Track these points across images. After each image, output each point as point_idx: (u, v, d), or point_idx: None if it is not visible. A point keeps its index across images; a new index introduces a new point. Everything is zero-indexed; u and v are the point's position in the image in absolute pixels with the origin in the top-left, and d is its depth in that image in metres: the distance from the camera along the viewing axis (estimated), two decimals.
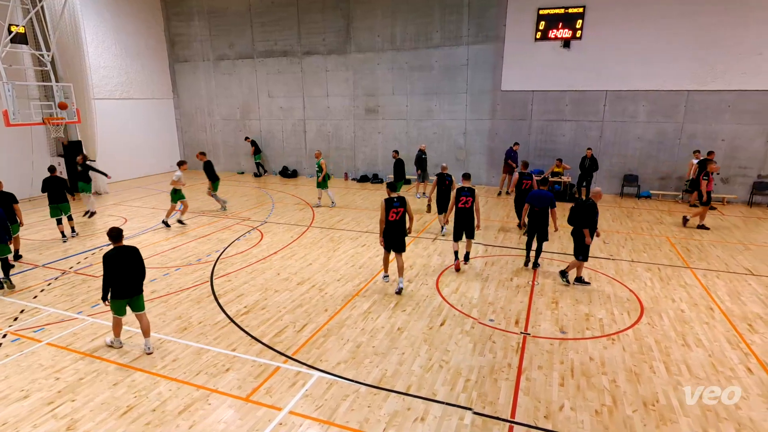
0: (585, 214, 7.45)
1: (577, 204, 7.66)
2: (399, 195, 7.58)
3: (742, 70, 13.18)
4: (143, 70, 19.42)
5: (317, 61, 18.25)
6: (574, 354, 5.80)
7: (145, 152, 19.57)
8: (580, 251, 7.65)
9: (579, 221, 7.52)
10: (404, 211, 7.53)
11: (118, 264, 5.63)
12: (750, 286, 7.94)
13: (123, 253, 5.70)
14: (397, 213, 7.45)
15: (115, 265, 5.62)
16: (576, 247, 7.70)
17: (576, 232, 7.65)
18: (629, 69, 14.20)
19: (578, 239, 7.61)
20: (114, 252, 5.67)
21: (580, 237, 7.57)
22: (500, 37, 15.43)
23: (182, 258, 9.50)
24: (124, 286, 5.72)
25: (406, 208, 7.55)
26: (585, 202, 7.52)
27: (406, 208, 7.54)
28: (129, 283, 5.73)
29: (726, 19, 13.01)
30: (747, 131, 13.61)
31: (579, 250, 7.66)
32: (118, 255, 5.66)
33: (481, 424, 4.57)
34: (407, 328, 6.48)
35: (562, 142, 15.52)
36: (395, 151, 14.13)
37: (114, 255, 5.64)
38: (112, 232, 5.75)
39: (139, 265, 5.82)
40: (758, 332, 6.36)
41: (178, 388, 5.16)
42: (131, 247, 5.83)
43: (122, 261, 5.66)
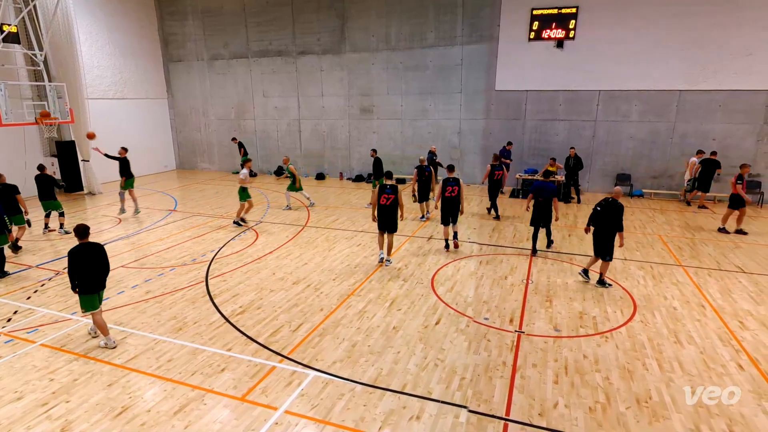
0: (617, 215, 7.39)
1: (605, 206, 7.50)
2: (393, 183, 8.66)
3: (733, 71, 13.33)
4: (137, 69, 19.33)
5: (312, 61, 18.24)
6: (568, 352, 5.85)
7: (139, 152, 19.30)
8: (607, 251, 7.56)
9: (611, 223, 7.42)
10: (395, 198, 8.48)
11: (83, 260, 5.80)
12: (741, 284, 8.03)
13: (88, 250, 5.87)
14: (387, 199, 8.49)
15: (80, 261, 5.78)
16: (603, 247, 7.56)
17: (603, 232, 7.52)
18: (622, 69, 14.32)
19: (606, 240, 7.50)
20: (79, 248, 5.83)
21: (607, 238, 7.48)
22: (494, 37, 15.50)
23: (177, 258, 9.48)
24: (91, 282, 5.89)
25: (397, 196, 8.48)
26: (614, 204, 7.43)
27: (396, 196, 8.47)
28: (95, 278, 5.92)
29: (717, 20, 13.15)
30: (738, 131, 13.76)
31: (606, 251, 7.56)
32: (83, 251, 5.82)
33: (476, 422, 4.59)
34: (403, 327, 6.50)
35: (555, 142, 15.61)
36: (373, 150, 13.95)
37: (79, 251, 5.81)
38: (79, 228, 5.91)
39: (103, 262, 5.98)
40: (749, 329, 6.44)
41: (173, 388, 5.15)
42: (96, 243, 6.02)
43: (87, 257, 5.83)
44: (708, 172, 12.94)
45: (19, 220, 9.49)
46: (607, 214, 7.45)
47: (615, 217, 7.40)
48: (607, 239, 7.50)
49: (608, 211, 7.45)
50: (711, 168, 12.91)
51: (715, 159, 12.95)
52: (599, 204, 7.60)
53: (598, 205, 7.60)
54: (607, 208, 7.46)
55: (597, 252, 7.71)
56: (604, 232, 7.52)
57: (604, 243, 7.54)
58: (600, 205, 7.56)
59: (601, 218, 7.51)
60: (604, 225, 7.50)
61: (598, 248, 7.65)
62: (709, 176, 12.95)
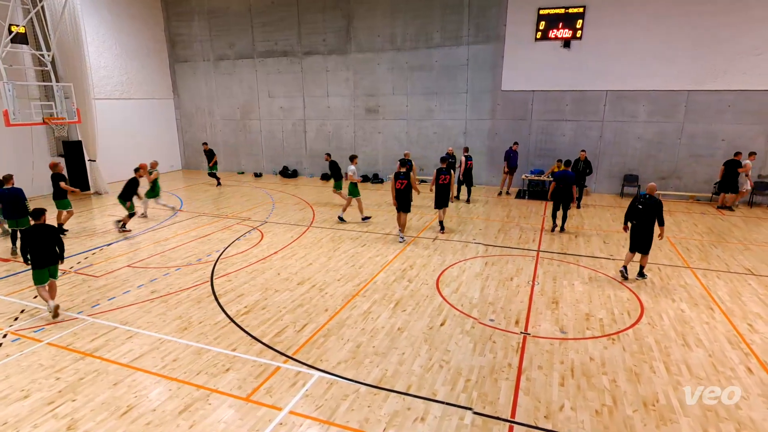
0: (658, 210, 7.74)
1: (644, 203, 7.82)
2: (405, 171, 10.16)
3: (742, 70, 13.18)
4: (143, 70, 19.44)
5: (317, 61, 18.25)
6: (575, 354, 5.80)
7: (145, 152, 19.48)
8: (648, 245, 7.96)
9: (652, 219, 7.77)
10: (408, 182, 10.16)
11: (35, 239, 6.70)
12: (750, 286, 7.94)
13: (40, 230, 6.75)
14: (402, 183, 10.13)
15: (32, 240, 6.69)
16: (644, 242, 7.92)
17: (644, 228, 7.86)
18: (629, 69, 14.20)
19: (647, 235, 7.87)
20: (32, 228, 6.77)
21: (649, 233, 7.85)
22: (500, 37, 15.43)
23: (182, 258, 9.51)
24: (40, 258, 6.73)
25: (410, 180, 10.19)
26: (653, 200, 7.76)
27: (409, 180, 10.17)
28: (44, 255, 6.75)
29: (726, 19, 13.01)
30: (747, 131, 13.61)
31: (648, 245, 7.95)
32: (35, 231, 6.73)
33: (482, 424, 4.57)
34: (407, 328, 6.48)
35: (562, 142, 15.51)
36: (327, 154, 13.86)
37: (32, 231, 6.74)
38: (35, 211, 6.82)
39: (52, 241, 6.83)
40: (758, 332, 6.36)
41: (178, 387, 5.16)
42: (48, 225, 6.89)
43: (38, 236, 6.71)
44: (731, 173, 12.86)
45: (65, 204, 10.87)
46: (649, 210, 7.75)
47: (656, 213, 7.74)
48: (648, 234, 7.85)
49: (649, 207, 7.75)
50: (733, 168, 12.82)
51: (737, 160, 12.84)
52: (639, 202, 7.88)
53: (639, 203, 7.88)
54: (648, 205, 7.75)
55: (637, 248, 8.04)
56: (645, 227, 7.84)
57: (645, 238, 7.88)
58: (641, 203, 7.85)
59: (643, 215, 7.81)
60: (645, 221, 7.81)
61: (639, 244, 7.97)
62: (734, 177, 12.87)
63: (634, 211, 7.98)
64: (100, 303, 7.38)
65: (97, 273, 8.68)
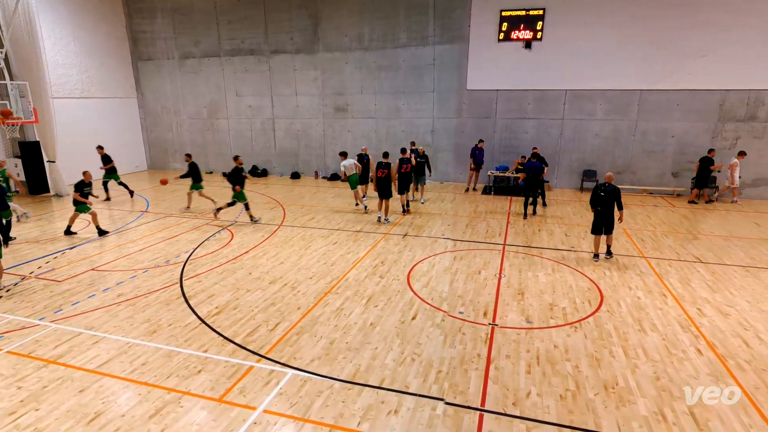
0: (617, 196, 8.77)
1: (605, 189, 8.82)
2: (387, 161, 11.48)
3: (689, 71, 13.98)
4: (104, 67, 18.76)
5: (285, 60, 18.11)
6: (540, 342, 6.05)
7: (108, 152, 18.84)
8: (611, 226, 8.94)
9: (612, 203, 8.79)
10: (388, 172, 11.46)
11: None
12: (699, 273, 8.47)
13: None
14: (383, 172, 11.49)
15: None
16: (608, 224, 8.89)
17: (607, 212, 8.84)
18: (586, 69, 14.79)
19: (610, 217, 8.86)
20: None
21: (611, 216, 8.85)
22: (465, 38, 15.75)
23: (150, 260, 9.30)
24: None
25: (390, 170, 11.49)
26: (611, 187, 8.81)
27: (389, 171, 11.48)
28: None
29: (673, 23, 13.76)
30: (694, 128, 14.44)
31: (611, 226, 8.93)
32: None
33: (453, 413, 4.71)
34: (380, 323, 6.59)
35: (525, 139, 16.00)
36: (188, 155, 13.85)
37: None
38: None
39: None
40: (706, 315, 6.81)
41: (148, 391, 5.09)
42: None
43: None
44: (704, 169, 13.51)
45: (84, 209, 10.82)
46: (609, 196, 8.78)
47: (616, 198, 8.78)
48: (610, 217, 8.86)
49: (609, 194, 8.78)
50: (706, 165, 13.47)
51: (710, 157, 13.49)
52: (601, 189, 8.90)
53: (600, 191, 8.89)
54: (609, 192, 8.79)
55: (599, 230, 8.98)
56: (607, 211, 8.83)
57: (608, 220, 8.88)
58: (602, 191, 8.86)
59: (605, 201, 8.80)
60: (607, 206, 8.81)
61: (604, 226, 8.93)
62: (706, 173, 13.51)
63: (597, 198, 8.91)
64: (63, 308, 7.14)
65: (59, 278, 8.38)
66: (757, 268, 8.69)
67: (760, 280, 8.13)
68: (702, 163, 13.57)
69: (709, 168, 13.49)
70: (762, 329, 6.39)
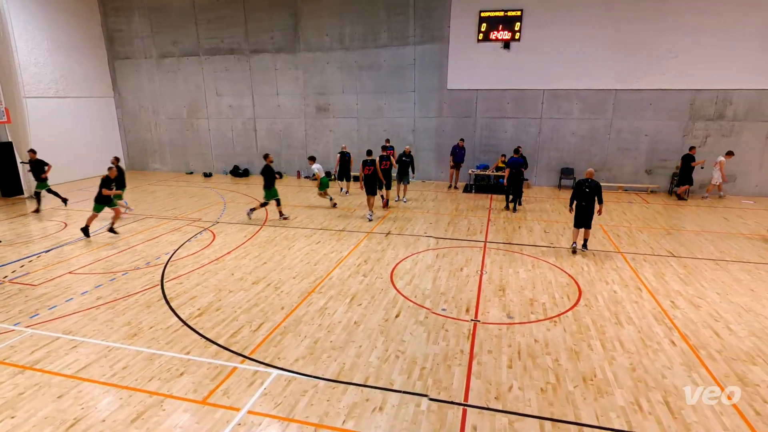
0: (598, 191, 9.14)
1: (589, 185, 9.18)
2: (372, 159, 11.88)
3: (660, 72, 14.41)
4: (80, 67, 18.34)
5: (266, 60, 17.98)
6: (521, 337, 6.17)
7: (85, 153, 18.49)
8: (590, 221, 9.31)
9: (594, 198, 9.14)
10: (374, 169, 11.82)
11: None
12: (672, 267, 8.75)
13: None
14: (369, 169, 11.84)
15: None
16: (588, 219, 9.26)
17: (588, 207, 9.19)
18: (563, 69, 15.10)
19: (590, 212, 9.22)
20: None
21: (591, 211, 9.20)
22: (445, 38, 15.90)
23: (129, 262, 9.14)
24: None
25: (375, 167, 11.84)
26: (594, 182, 9.17)
27: (375, 167, 11.84)
28: None
29: (645, 25, 14.17)
30: (666, 127, 14.90)
31: (590, 221, 9.30)
32: None
33: (437, 409, 4.77)
34: (364, 322, 6.63)
35: (504, 138, 16.24)
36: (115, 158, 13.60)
37: None
38: None
39: None
40: (679, 308, 7.05)
41: (129, 395, 5.02)
42: None
43: None
44: (686, 166, 13.86)
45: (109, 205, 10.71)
46: (592, 191, 9.13)
47: (598, 193, 9.14)
48: (591, 212, 9.22)
49: (593, 188, 9.14)
50: (687, 162, 13.83)
51: (691, 154, 13.84)
52: (585, 186, 9.19)
53: (585, 186, 9.18)
54: (592, 187, 9.15)
55: (582, 224, 9.33)
56: (588, 206, 9.18)
57: (589, 215, 9.23)
58: (587, 186, 9.17)
59: (588, 196, 9.15)
60: (589, 200, 9.14)
61: (584, 220, 9.29)
62: (688, 170, 13.86)
63: (581, 193, 9.22)
64: (40, 313, 6.98)
65: (35, 281, 8.18)
66: (726, 261, 9.02)
67: (729, 272, 8.45)
68: (684, 160, 13.94)
69: (691, 165, 13.84)
70: (731, 320, 6.65)
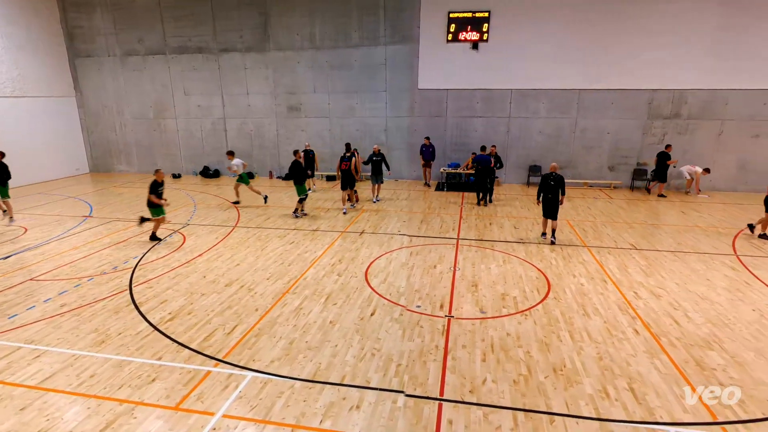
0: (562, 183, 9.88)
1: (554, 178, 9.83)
2: (350, 154, 12.44)
3: (621, 73, 15.02)
4: (38, 65, 17.58)
5: (235, 59, 17.68)
6: (494, 331, 6.32)
7: (45, 155, 17.73)
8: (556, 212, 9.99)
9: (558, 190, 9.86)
10: (352, 163, 12.32)
11: None
12: (634, 259, 9.13)
13: None
14: (347, 165, 12.30)
15: None
16: (555, 210, 9.95)
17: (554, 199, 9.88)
18: (530, 70, 15.50)
19: (556, 204, 9.92)
20: None
21: (557, 202, 9.91)
22: (415, 38, 16.04)
23: (95, 267, 8.84)
24: None
25: (352, 162, 12.30)
26: (558, 176, 9.87)
27: (351, 162, 12.28)
28: None
29: (606, 28, 14.73)
30: (627, 125, 15.52)
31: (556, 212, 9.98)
32: None
33: (413, 405, 4.84)
34: (339, 321, 6.64)
35: (474, 137, 16.53)
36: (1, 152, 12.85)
37: None
38: None
39: None
40: (642, 298, 7.37)
41: (98, 405, 4.88)
42: None
43: None
44: (661, 163, 14.32)
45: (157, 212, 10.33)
46: (557, 183, 9.81)
47: (562, 185, 9.86)
48: (557, 203, 9.91)
49: (557, 181, 9.80)
50: (663, 160, 14.28)
51: (667, 152, 14.30)
52: (551, 179, 9.82)
53: (551, 180, 9.82)
54: (557, 179, 9.81)
55: (549, 215, 9.99)
56: (555, 198, 9.86)
57: (555, 206, 9.91)
58: (552, 180, 9.81)
59: (554, 188, 9.82)
60: (555, 192, 9.83)
61: (552, 211, 9.94)
62: (663, 167, 14.31)
63: (546, 186, 9.85)
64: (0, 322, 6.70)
65: None
66: (684, 253, 9.48)
67: (687, 263, 8.88)
68: (659, 157, 14.43)
69: (666, 162, 14.32)
70: (689, 308, 7.00)
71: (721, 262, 8.95)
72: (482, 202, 13.53)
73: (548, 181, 9.85)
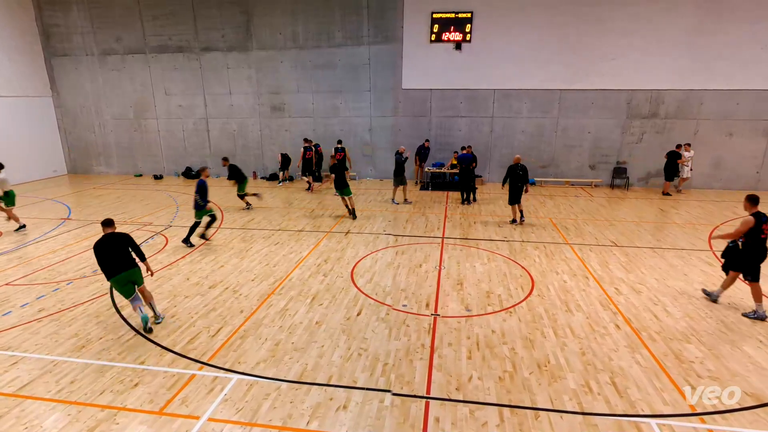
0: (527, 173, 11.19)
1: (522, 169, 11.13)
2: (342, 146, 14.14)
3: (601, 73, 15.31)
4: (11, 64, 17.11)
5: (217, 58, 17.47)
6: (479, 329, 6.39)
7: (20, 156, 17.20)
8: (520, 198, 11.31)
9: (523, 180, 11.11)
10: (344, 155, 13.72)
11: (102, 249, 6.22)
12: (615, 256, 9.31)
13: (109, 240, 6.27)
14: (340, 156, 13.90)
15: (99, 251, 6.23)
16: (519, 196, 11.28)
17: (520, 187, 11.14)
18: (512, 70, 15.68)
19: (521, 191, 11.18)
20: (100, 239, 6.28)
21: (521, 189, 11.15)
22: (399, 38, 16.08)
23: (75, 270, 8.65)
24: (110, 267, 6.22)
25: (345, 153, 13.79)
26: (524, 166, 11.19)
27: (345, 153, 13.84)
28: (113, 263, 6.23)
29: (585, 29, 15.01)
30: (607, 125, 15.82)
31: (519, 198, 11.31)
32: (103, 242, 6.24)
33: (400, 403, 4.86)
34: (325, 321, 6.63)
35: (458, 137, 16.65)
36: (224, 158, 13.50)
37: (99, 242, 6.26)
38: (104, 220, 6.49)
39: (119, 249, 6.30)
40: (623, 294, 7.52)
41: (78, 411, 4.78)
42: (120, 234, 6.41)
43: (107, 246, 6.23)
44: (671, 162, 14.52)
45: None
46: (524, 173, 11.09)
47: (526, 175, 11.13)
48: (521, 191, 11.20)
49: (525, 171, 11.12)
50: (673, 159, 14.48)
51: (677, 151, 14.51)
52: (519, 169, 11.09)
53: (519, 170, 11.08)
54: (524, 169, 11.14)
55: (516, 201, 11.28)
56: (523, 186, 11.16)
57: (520, 193, 11.22)
58: (520, 170, 11.09)
59: (522, 177, 11.07)
60: (523, 181, 11.10)
61: (517, 197, 11.24)
62: (673, 166, 14.50)
63: (515, 176, 11.10)
64: None
65: None
66: (662, 249, 9.71)
67: (665, 259, 9.10)
68: (669, 156, 14.65)
69: (676, 162, 14.51)
70: (668, 303, 7.18)
71: (698, 257, 9.19)
72: (466, 201, 13.70)
73: (517, 171, 11.02)
